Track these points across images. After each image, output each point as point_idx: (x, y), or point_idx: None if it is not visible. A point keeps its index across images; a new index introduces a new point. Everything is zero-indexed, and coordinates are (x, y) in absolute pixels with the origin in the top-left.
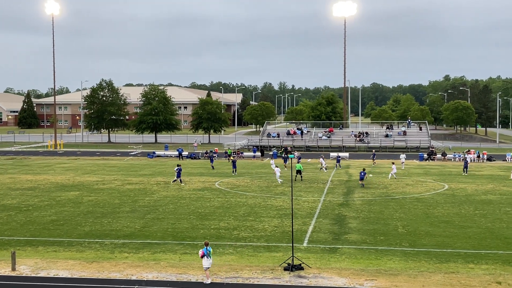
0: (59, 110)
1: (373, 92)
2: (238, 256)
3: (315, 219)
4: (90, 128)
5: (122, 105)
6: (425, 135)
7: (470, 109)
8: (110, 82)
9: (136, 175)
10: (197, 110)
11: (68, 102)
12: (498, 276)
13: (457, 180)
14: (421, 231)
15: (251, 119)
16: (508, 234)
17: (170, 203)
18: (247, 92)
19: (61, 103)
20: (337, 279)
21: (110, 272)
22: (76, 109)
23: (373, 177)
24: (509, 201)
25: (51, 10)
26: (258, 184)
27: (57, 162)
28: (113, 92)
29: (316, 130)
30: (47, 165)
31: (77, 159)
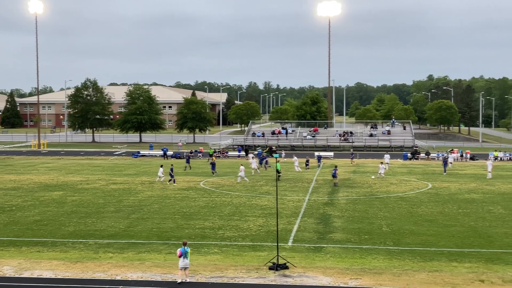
0: (42, 110)
1: (358, 92)
2: (223, 256)
3: (300, 218)
4: (74, 127)
5: (106, 104)
6: (409, 135)
7: (453, 108)
8: (95, 81)
9: (121, 174)
10: (182, 110)
11: (52, 102)
12: (481, 274)
13: (441, 179)
14: (405, 230)
15: (236, 118)
16: (491, 232)
17: (155, 203)
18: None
19: (44, 103)
20: (322, 278)
21: (95, 272)
22: (60, 108)
23: (358, 176)
24: (492, 200)
25: (34, 9)
26: (243, 184)
27: (41, 161)
28: (98, 92)
29: (301, 129)
30: (30, 165)
31: (61, 159)
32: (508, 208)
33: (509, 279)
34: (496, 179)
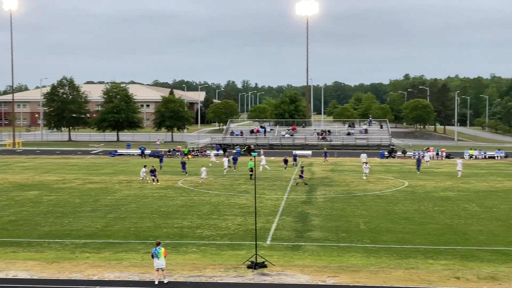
0: (17, 108)
1: (335, 91)
2: (201, 255)
3: (278, 217)
4: (49, 126)
5: (83, 103)
6: (386, 133)
7: (429, 107)
8: (71, 79)
9: (98, 174)
10: (159, 108)
11: (27, 100)
12: (457, 271)
13: (417, 177)
14: (382, 228)
15: (214, 117)
16: (466, 230)
17: (133, 202)
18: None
19: (19, 101)
20: (300, 276)
21: (71, 272)
22: (36, 107)
23: (336, 175)
24: (467, 198)
25: (9, 5)
26: (222, 183)
27: (16, 161)
28: (74, 90)
29: (279, 128)
30: (5, 164)
31: (36, 158)
32: (483, 205)
33: (484, 276)
34: (471, 177)
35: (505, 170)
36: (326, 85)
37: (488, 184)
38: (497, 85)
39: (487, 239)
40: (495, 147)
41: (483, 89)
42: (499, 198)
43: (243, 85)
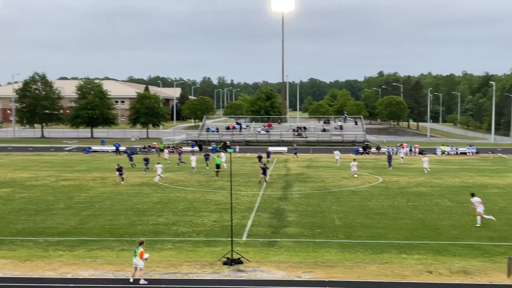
0: None
1: (311, 87)
2: (177, 252)
3: (254, 213)
4: (22, 122)
5: (56, 99)
6: (361, 130)
7: (402, 104)
8: (44, 75)
9: (71, 171)
10: (134, 105)
11: None
12: (430, 265)
13: (391, 173)
14: (356, 223)
15: (190, 113)
16: (439, 224)
17: (107, 199)
18: (186, 86)
19: None
20: (275, 272)
21: (44, 270)
22: (7, 103)
23: (311, 171)
24: (440, 193)
25: None
26: (197, 179)
27: None
28: (47, 86)
29: (255, 124)
30: None
31: (8, 155)
32: (455, 200)
33: (456, 270)
34: (443, 172)
35: (476, 166)
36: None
37: (460, 179)
38: (469, 82)
39: (459, 233)
40: (466, 143)
41: (455, 86)
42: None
43: (219, 81)
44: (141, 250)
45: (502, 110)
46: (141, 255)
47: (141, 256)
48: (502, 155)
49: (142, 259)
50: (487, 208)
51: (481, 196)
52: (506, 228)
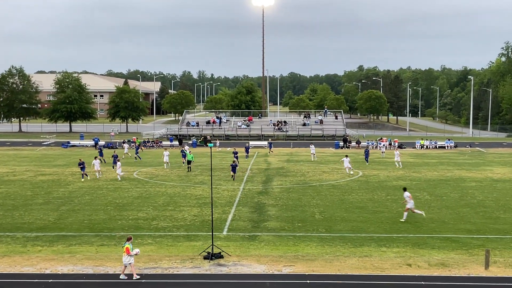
0: None
1: (291, 82)
2: (157, 246)
3: (235, 207)
4: None
5: (34, 93)
6: (341, 124)
7: (382, 98)
8: (21, 69)
9: (50, 165)
10: (114, 99)
11: None
12: (409, 258)
13: (371, 167)
14: (336, 217)
15: (170, 107)
16: (418, 218)
17: (86, 194)
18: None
19: None
20: (256, 266)
21: (23, 266)
22: None
23: (292, 165)
24: (419, 187)
25: None
26: (178, 174)
27: None
28: (24, 80)
29: (235, 119)
30: None
31: None
32: (434, 194)
33: (434, 262)
34: (422, 166)
35: (454, 160)
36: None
37: (439, 173)
38: (448, 77)
39: (437, 227)
40: (445, 137)
41: (434, 81)
42: (449, 187)
43: (199, 75)
44: (126, 246)
45: (480, 104)
46: (127, 251)
47: (127, 252)
48: (480, 148)
49: (130, 255)
50: (465, 201)
51: (459, 189)
52: (484, 221)
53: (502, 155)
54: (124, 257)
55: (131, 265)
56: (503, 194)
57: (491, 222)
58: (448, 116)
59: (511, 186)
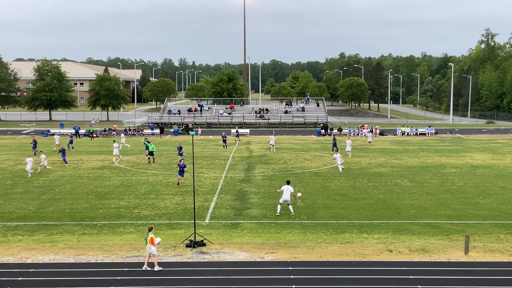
0: None
1: (273, 69)
2: (139, 235)
3: (217, 195)
4: None
5: (12, 81)
6: (322, 111)
7: (363, 85)
8: None
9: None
10: (94, 87)
11: None
12: (390, 244)
13: (352, 154)
14: (318, 204)
15: (151, 95)
16: (399, 204)
17: (67, 183)
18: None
19: None
20: (238, 253)
21: (3, 256)
22: None
23: (274, 153)
24: (399, 173)
25: None
26: (159, 162)
27: None
28: (2, 67)
29: (217, 106)
30: None
31: None
32: (414, 180)
33: (415, 248)
34: (403, 153)
35: (435, 146)
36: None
37: (419, 160)
38: (428, 64)
39: (418, 213)
40: (426, 124)
41: (415, 68)
42: (429, 173)
43: (180, 63)
44: (151, 236)
45: (460, 91)
46: (152, 241)
47: (152, 243)
48: (460, 135)
49: (154, 245)
50: (445, 187)
51: (439, 176)
52: (464, 207)
53: (481, 141)
54: (149, 247)
55: (155, 256)
56: (483, 180)
57: (470, 207)
58: (429, 103)
59: (491, 172)
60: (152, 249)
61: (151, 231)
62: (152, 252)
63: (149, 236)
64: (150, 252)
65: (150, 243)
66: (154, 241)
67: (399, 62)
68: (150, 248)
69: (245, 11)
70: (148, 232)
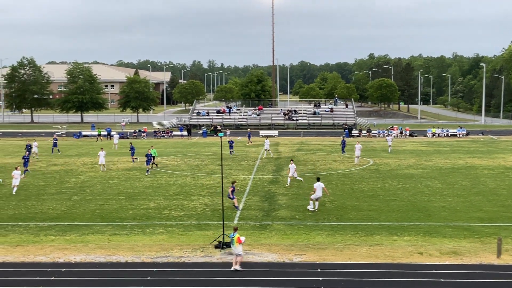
0: None
1: (301, 70)
2: (168, 236)
3: (246, 196)
4: (11, 108)
5: (45, 83)
6: (351, 113)
7: (393, 86)
8: (32, 59)
9: (62, 155)
10: (124, 89)
11: None
12: (420, 247)
13: (382, 156)
14: (347, 206)
15: (180, 97)
16: (429, 206)
17: (98, 184)
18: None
19: None
20: (267, 255)
21: (36, 255)
22: None
23: (302, 154)
24: (430, 175)
25: None
26: (188, 163)
27: None
28: (35, 70)
29: (245, 108)
30: None
31: None
32: (445, 182)
33: (446, 251)
34: (434, 154)
35: (466, 148)
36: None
37: (450, 161)
38: (459, 64)
39: (449, 215)
40: (457, 125)
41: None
42: (460, 175)
43: (209, 65)
44: (237, 235)
45: (492, 92)
46: (239, 240)
47: (239, 242)
48: (492, 136)
49: (241, 244)
50: (477, 189)
51: (471, 177)
52: (496, 210)
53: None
54: (236, 247)
55: (241, 256)
56: None
57: (503, 210)
58: (460, 104)
59: None
60: (239, 249)
61: (237, 231)
62: (239, 252)
63: (235, 235)
64: (237, 252)
65: (237, 243)
66: (241, 240)
67: (429, 63)
68: (237, 248)
69: (274, 12)
70: (233, 232)
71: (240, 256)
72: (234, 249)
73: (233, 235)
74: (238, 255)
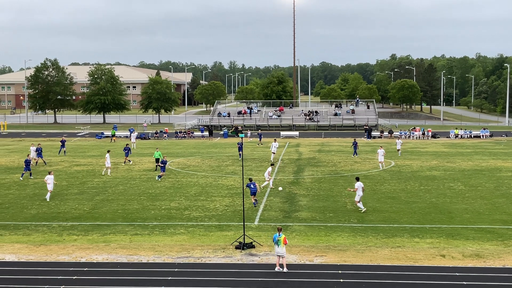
0: (2, 90)
1: (322, 71)
2: (189, 236)
3: (266, 197)
4: (35, 108)
5: (68, 85)
6: (373, 114)
7: (415, 87)
8: (55, 61)
9: (84, 156)
10: (146, 90)
11: (11, 82)
12: (442, 249)
13: (403, 157)
14: (368, 207)
15: (201, 98)
16: (452, 208)
17: (120, 184)
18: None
19: (4, 83)
20: (287, 256)
21: (59, 255)
22: (20, 89)
23: (323, 155)
24: (453, 177)
25: None
26: (209, 164)
27: (1, 144)
28: (59, 72)
29: (266, 109)
30: None
31: (21, 141)
32: (468, 184)
33: (469, 253)
34: (456, 156)
35: (490, 149)
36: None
37: (473, 163)
38: (483, 65)
39: (472, 217)
40: (480, 126)
41: (469, 69)
42: (484, 177)
43: (230, 66)
44: (284, 236)
45: None
46: (285, 241)
47: (285, 243)
48: None
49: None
50: (500, 191)
51: (495, 179)
52: None
53: None
54: (281, 247)
55: (285, 257)
56: None
57: None
58: (484, 105)
59: None
60: (283, 249)
61: (282, 231)
62: (283, 253)
63: (282, 236)
64: (281, 253)
65: (283, 243)
66: (286, 241)
67: (452, 63)
68: (282, 248)
69: (295, 13)
70: (279, 233)
71: (284, 257)
72: (279, 250)
73: (279, 236)
74: (283, 256)
